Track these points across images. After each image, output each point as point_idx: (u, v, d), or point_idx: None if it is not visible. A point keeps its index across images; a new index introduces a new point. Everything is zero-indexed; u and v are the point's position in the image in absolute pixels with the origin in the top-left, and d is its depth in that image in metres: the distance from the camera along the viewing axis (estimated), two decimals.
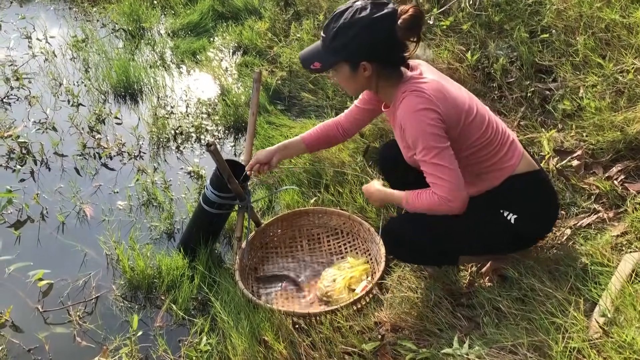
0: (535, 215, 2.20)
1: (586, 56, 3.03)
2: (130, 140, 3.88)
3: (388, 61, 2.08)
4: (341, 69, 2.10)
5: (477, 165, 2.17)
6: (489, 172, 2.18)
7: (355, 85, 2.17)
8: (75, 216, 3.26)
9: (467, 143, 2.12)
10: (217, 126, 4.01)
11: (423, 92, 2.00)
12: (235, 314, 2.43)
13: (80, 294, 2.79)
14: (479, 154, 2.15)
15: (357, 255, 2.81)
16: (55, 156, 3.75)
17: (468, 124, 2.09)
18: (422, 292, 2.43)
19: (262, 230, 2.88)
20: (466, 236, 2.24)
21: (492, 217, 2.19)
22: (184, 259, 2.79)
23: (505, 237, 2.22)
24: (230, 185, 2.55)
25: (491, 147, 2.14)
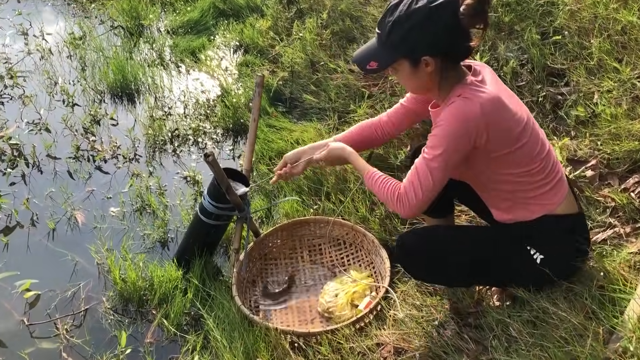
0: (564, 260, 2.04)
1: (601, 60, 2.88)
2: (126, 142, 3.76)
3: (452, 54, 1.90)
4: (401, 67, 1.93)
5: (516, 192, 2.02)
6: (527, 204, 2.02)
7: (417, 83, 1.98)
8: (66, 222, 3.14)
9: (509, 168, 1.96)
10: (215, 129, 3.88)
11: (476, 102, 1.83)
12: (229, 332, 2.30)
13: (69, 305, 2.67)
14: (521, 182, 1.99)
15: (360, 269, 2.68)
16: (48, 159, 3.63)
17: (514, 150, 1.92)
18: (427, 310, 2.30)
19: (261, 240, 2.75)
20: (487, 265, 2.09)
21: (518, 251, 2.04)
22: (178, 270, 2.66)
23: (526, 274, 2.08)
24: (229, 196, 2.42)
25: (535, 179, 1.98)
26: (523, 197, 2.01)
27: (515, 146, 1.91)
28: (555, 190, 2.01)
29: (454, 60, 1.93)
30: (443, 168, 1.88)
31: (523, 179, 1.97)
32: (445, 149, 1.86)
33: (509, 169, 1.96)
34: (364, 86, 3.60)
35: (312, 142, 3.27)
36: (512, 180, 1.98)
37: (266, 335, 2.27)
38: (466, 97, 1.85)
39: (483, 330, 2.14)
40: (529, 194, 2.00)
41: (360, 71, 2.32)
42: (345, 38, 4.04)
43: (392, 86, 3.46)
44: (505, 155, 1.92)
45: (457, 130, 1.84)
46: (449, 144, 1.86)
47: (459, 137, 1.85)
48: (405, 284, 2.47)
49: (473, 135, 1.85)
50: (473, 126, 1.84)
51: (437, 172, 1.88)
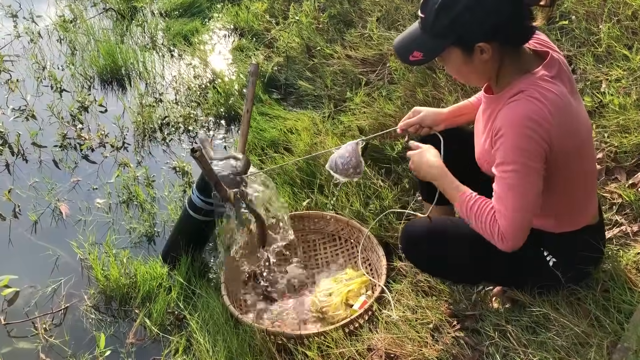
0: (578, 265, 1.87)
1: (610, 46, 2.73)
2: (114, 130, 3.63)
3: (512, 37, 1.63)
4: (451, 56, 1.67)
5: (554, 203, 1.77)
6: (558, 217, 1.81)
7: (472, 73, 1.72)
8: (50, 215, 3.02)
9: (556, 180, 1.72)
10: (207, 116, 3.74)
11: (544, 103, 1.57)
12: (213, 335, 2.19)
13: (49, 303, 2.56)
14: (562, 195, 1.76)
15: (356, 266, 2.56)
16: (33, 147, 3.50)
17: (567, 161, 1.68)
18: (421, 312, 2.18)
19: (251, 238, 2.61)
20: (494, 263, 1.89)
21: (531, 253, 1.84)
22: (162, 267, 2.55)
23: (535, 276, 1.92)
24: (218, 193, 2.29)
25: (575, 195, 1.79)
26: (558, 211, 1.80)
27: (568, 158, 1.67)
28: (590, 205, 1.85)
29: (515, 44, 1.66)
30: (529, 172, 1.60)
31: (564, 194, 1.76)
32: (518, 156, 1.59)
33: (556, 179, 1.70)
34: (361, 73, 3.45)
35: (307, 132, 3.16)
36: (562, 190, 1.75)
37: (252, 338, 2.16)
38: (532, 97, 1.58)
39: (480, 334, 2.02)
40: (564, 209, 1.80)
41: (403, 63, 1.96)
42: (342, 22, 3.89)
43: (390, 73, 3.32)
44: (559, 167, 1.67)
45: (525, 134, 1.57)
46: (521, 151, 1.58)
47: (531, 138, 1.57)
48: (401, 284, 2.34)
49: (545, 140, 1.58)
50: (543, 131, 1.57)
51: (522, 181, 1.60)
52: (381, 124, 3.01)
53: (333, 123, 3.25)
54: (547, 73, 1.63)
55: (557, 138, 1.60)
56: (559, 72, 1.66)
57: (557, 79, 1.64)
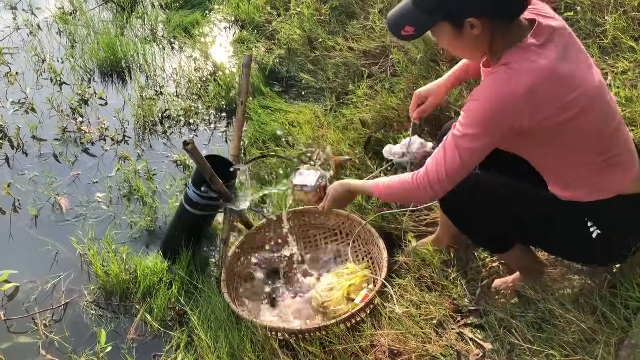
0: (623, 240, 1.73)
1: (616, 38, 2.69)
2: (114, 123, 3.60)
3: (503, 11, 1.60)
4: (441, 31, 1.65)
5: (571, 174, 1.74)
6: (584, 187, 1.72)
7: (463, 48, 1.71)
8: (50, 209, 3.00)
9: (559, 148, 1.67)
10: (207, 109, 3.71)
11: (522, 78, 1.54)
12: (214, 331, 2.16)
13: (49, 298, 2.54)
14: (575, 165, 1.71)
15: (357, 259, 2.53)
16: (33, 140, 3.48)
17: (565, 127, 1.62)
18: (425, 307, 2.15)
19: (253, 233, 2.59)
20: (539, 227, 1.83)
21: (574, 222, 1.75)
22: (163, 262, 2.52)
23: (577, 247, 1.83)
24: (213, 185, 2.27)
25: (591, 165, 1.69)
26: (579, 181, 1.73)
27: (566, 125, 1.61)
28: (619, 175, 1.71)
29: (505, 18, 1.61)
30: (474, 150, 1.63)
31: (578, 162, 1.69)
32: (479, 131, 1.61)
33: (559, 147, 1.66)
34: (363, 65, 3.42)
35: (309, 125, 3.13)
36: (574, 161, 1.69)
37: (253, 334, 2.13)
38: (511, 69, 1.56)
39: (484, 330, 2.00)
40: (586, 179, 1.71)
41: (394, 37, 2.01)
42: (344, 13, 3.85)
43: (392, 65, 3.28)
44: (557, 129, 1.62)
45: (493, 112, 1.58)
46: (484, 126, 1.60)
47: (496, 122, 1.59)
48: (404, 278, 2.31)
49: (512, 119, 1.58)
50: (512, 111, 1.56)
51: (466, 152, 1.64)
52: (384, 116, 2.98)
53: (335, 116, 3.21)
54: (534, 42, 1.59)
55: (538, 110, 1.57)
56: (548, 39, 1.60)
57: (545, 47, 1.59)
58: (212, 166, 2.28)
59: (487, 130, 1.61)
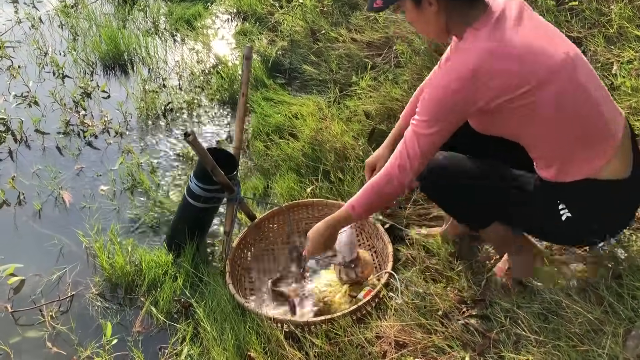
0: (593, 226, 1.78)
1: (621, 27, 2.67)
2: (117, 116, 3.59)
3: None
4: (405, 6, 1.74)
5: (549, 151, 1.74)
6: (560, 166, 1.72)
7: (425, 25, 1.76)
8: (54, 202, 3.00)
9: (530, 125, 1.70)
10: (210, 101, 3.70)
11: (470, 58, 1.60)
12: (220, 323, 2.17)
13: (55, 290, 2.54)
14: (551, 142, 1.71)
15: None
16: (37, 134, 3.48)
17: (527, 103, 1.63)
18: (430, 299, 2.15)
19: (256, 225, 2.59)
20: (512, 203, 1.85)
21: (547, 202, 1.78)
22: (168, 255, 2.52)
23: (547, 227, 1.85)
24: (215, 177, 2.26)
25: (565, 143, 1.70)
26: (550, 158, 1.74)
27: (527, 99, 1.62)
28: (595, 153, 1.69)
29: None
30: (431, 135, 1.71)
31: (548, 138, 1.71)
32: (433, 117, 1.69)
33: (533, 124, 1.69)
34: (367, 56, 3.40)
35: (312, 117, 3.11)
36: (548, 138, 1.70)
37: (259, 326, 2.13)
38: (460, 51, 1.67)
39: (490, 321, 2.00)
40: (568, 156, 1.71)
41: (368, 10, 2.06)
42: (347, 4, 3.84)
43: (396, 56, 3.27)
44: (520, 104, 1.64)
45: (443, 97, 1.67)
46: (437, 112, 1.69)
47: (447, 109, 1.68)
48: (409, 270, 2.31)
49: (463, 102, 1.65)
50: (461, 94, 1.64)
51: (424, 139, 1.72)
52: (388, 108, 2.96)
53: (339, 108, 3.20)
54: (488, 21, 1.64)
55: (489, 89, 1.61)
56: (500, 17, 1.65)
57: (496, 26, 1.63)
58: (215, 159, 2.28)
59: (439, 116, 1.69)
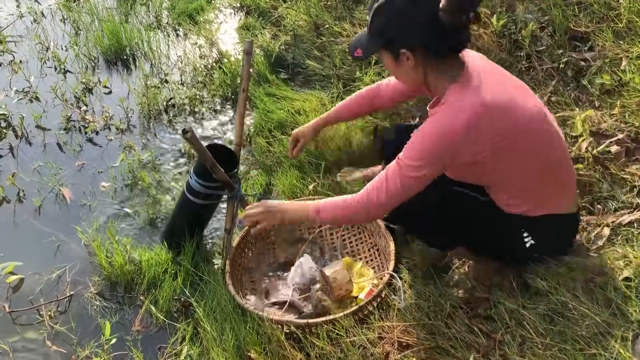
0: (552, 248, 2.01)
1: (630, 21, 2.61)
2: (119, 112, 3.56)
3: (433, 49, 1.74)
4: (384, 57, 1.84)
5: (515, 192, 1.93)
6: (528, 204, 1.92)
7: (404, 76, 1.88)
8: (54, 200, 2.97)
9: (512, 170, 1.85)
10: (213, 97, 3.66)
11: (461, 114, 1.68)
12: (220, 323, 2.13)
13: (54, 290, 2.50)
14: (519, 185, 1.90)
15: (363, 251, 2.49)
16: (37, 130, 3.44)
17: (500, 160, 1.80)
18: (434, 299, 2.11)
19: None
20: (478, 230, 2.03)
21: (512, 232, 1.97)
22: (168, 253, 2.49)
23: (507, 250, 2.04)
24: (215, 175, 2.23)
25: (540, 183, 1.88)
26: (528, 197, 1.91)
27: (507, 146, 1.76)
28: (562, 195, 1.94)
29: (437, 56, 1.75)
30: (415, 179, 1.77)
31: (530, 180, 1.88)
32: (423, 164, 1.74)
33: (511, 172, 1.85)
34: None
35: (315, 113, 3.07)
36: (517, 182, 1.88)
37: (259, 326, 2.10)
38: (450, 107, 1.71)
39: (494, 321, 1.96)
40: (536, 194, 1.90)
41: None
42: None
43: None
44: (494, 154, 1.77)
45: (435, 146, 1.72)
46: (428, 160, 1.74)
47: (437, 155, 1.73)
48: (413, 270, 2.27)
49: (452, 154, 1.73)
50: (453, 146, 1.71)
51: (408, 181, 1.77)
52: None
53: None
54: (468, 78, 1.73)
55: (477, 144, 1.71)
56: (480, 73, 1.76)
57: (480, 83, 1.72)
58: (215, 156, 2.24)
59: (428, 162, 1.73)
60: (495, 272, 2.16)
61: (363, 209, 1.85)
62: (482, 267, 2.17)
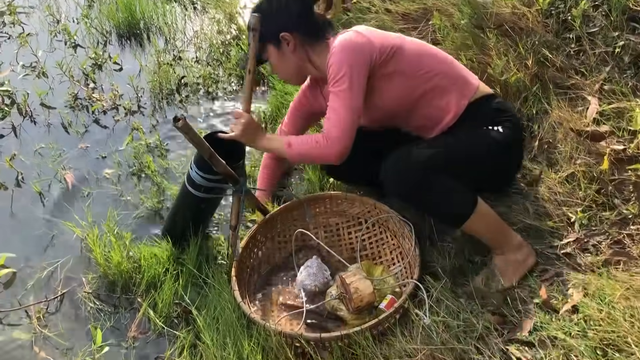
0: (513, 125, 2.06)
1: None
2: (128, 91, 3.32)
3: (306, 27, 2.04)
4: (270, 55, 2.08)
5: (429, 96, 2.04)
6: (454, 94, 2.04)
7: (288, 65, 2.09)
8: (55, 185, 2.76)
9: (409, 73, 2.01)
10: (229, 76, 3.41)
11: (356, 31, 1.95)
12: (222, 334, 1.90)
13: (46, 286, 2.30)
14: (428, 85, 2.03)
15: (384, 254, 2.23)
16: (42, 108, 3.24)
17: (403, 56, 1.99)
18: (465, 317, 1.84)
19: (267, 221, 2.30)
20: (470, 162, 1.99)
21: (483, 133, 2.02)
22: (169, 251, 2.27)
23: (501, 145, 2.01)
24: (215, 167, 1.98)
25: (436, 78, 2.03)
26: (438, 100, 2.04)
27: (403, 54, 1.99)
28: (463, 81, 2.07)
29: (312, 34, 2.04)
30: (357, 88, 1.90)
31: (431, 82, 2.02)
32: (350, 73, 1.88)
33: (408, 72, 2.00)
34: (401, 29, 3.05)
35: None
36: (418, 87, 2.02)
37: (265, 341, 1.86)
38: (343, 35, 1.95)
39: (535, 348, 1.69)
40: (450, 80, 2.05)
41: None
42: None
43: (434, 30, 2.91)
44: (399, 62, 1.98)
45: (352, 52, 1.89)
46: (352, 67, 1.88)
47: (358, 56, 1.89)
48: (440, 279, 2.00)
49: (369, 45, 1.92)
50: (364, 43, 1.91)
51: (352, 94, 1.89)
52: None
53: None
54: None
55: (380, 46, 1.95)
56: None
57: None
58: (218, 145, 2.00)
59: (360, 71, 1.90)
60: (518, 265, 1.95)
61: (329, 147, 1.91)
62: (500, 260, 1.98)
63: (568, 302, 1.80)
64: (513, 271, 1.95)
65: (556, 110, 2.37)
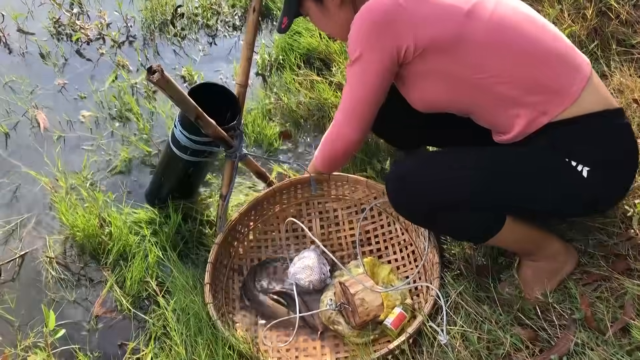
0: (614, 166, 1.46)
1: None
2: (117, 20, 2.92)
3: None
4: (310, 12, 1.65)
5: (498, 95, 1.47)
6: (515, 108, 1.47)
7: (333, 22, 1.64)
8: (25, 125, 2.41)
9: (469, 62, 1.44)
10: (232, 8, 2.98)
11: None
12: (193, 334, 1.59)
13: (3, 247, 1.99)
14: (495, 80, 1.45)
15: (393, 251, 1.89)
16: (19, 34, 2.85)
17: (457, 50, 1.43)
18: (491, 330, 1.52)
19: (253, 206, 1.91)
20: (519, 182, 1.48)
21: (556, 164, 1.45)
22: (148, 218, 1.95)
23: (575, 194, 1.46)
24: (204, 129, 1.62)
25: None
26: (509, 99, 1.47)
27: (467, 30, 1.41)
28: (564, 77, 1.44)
29: None
30: (361, 80, 1.51)
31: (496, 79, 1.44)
32: (365, 46, 1.46)
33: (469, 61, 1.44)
34: None
35: None
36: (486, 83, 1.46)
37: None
38: None
39: None
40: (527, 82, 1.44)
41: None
42: None
43: None
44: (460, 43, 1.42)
45: (371, 25, 1.44)
46: (362, 35, 1.46)
47: (372, 21, 1.43)
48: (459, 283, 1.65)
49: (395, 29, 1.42)
50: (389, 23, 1.43)
51: (360, 79, 1.51)
52: None
53: None
54: None
55: (403, 25, 1.43)
56: None
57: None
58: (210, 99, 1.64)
59: (372, 45, 1.45)
60: (551, 275, 1.62)
61: (342, 136, 1.62)
62: (529, 268, 1.65)
63: (617, 322, 1.47)
64: (542, 283, 1.60)
65: (617, 75, 1.97)
